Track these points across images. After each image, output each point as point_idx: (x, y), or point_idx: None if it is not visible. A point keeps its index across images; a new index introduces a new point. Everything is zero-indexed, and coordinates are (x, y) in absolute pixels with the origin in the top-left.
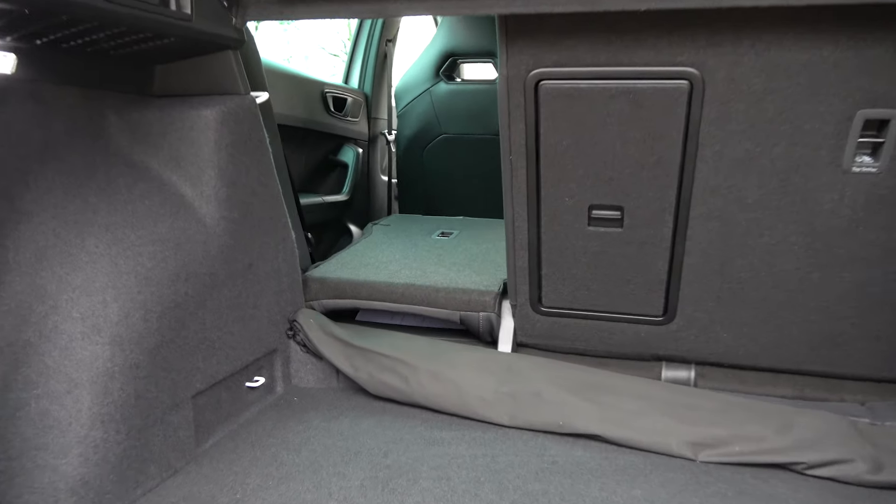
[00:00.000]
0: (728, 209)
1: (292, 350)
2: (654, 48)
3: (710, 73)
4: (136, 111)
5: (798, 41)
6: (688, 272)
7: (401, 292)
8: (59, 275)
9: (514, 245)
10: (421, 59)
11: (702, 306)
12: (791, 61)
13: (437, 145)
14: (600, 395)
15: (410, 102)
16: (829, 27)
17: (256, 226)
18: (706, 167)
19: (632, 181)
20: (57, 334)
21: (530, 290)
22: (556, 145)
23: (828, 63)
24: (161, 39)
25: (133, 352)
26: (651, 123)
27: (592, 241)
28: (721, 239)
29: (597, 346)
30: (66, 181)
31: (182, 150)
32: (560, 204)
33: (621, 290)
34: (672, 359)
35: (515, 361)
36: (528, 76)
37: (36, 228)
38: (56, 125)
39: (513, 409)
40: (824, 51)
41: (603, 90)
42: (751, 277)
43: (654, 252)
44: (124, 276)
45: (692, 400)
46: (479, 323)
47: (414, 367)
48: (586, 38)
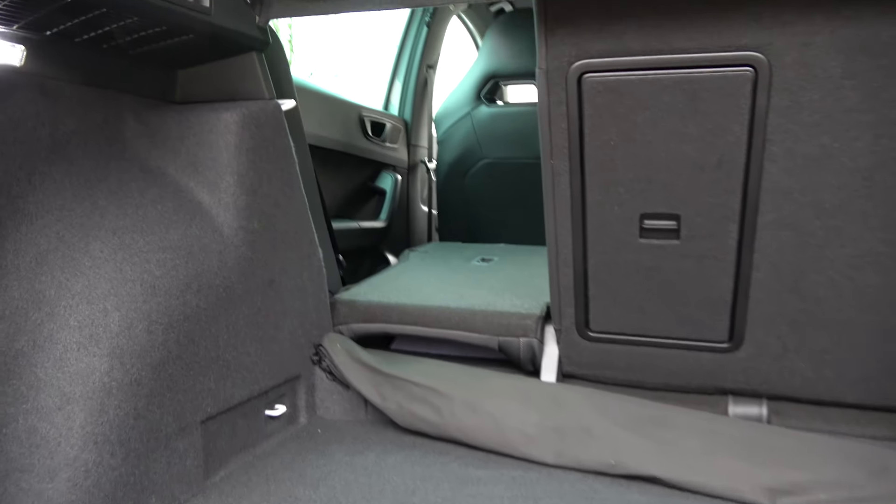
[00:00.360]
0: (802, 215)
1: (318, 378)
2: (712, 31)
3: (778, 56)
4: (155, 116)
5: (881, 16)
6: (756, 290)
7: (434, 316)
8: (60, 280)
9: (557, 261)
10: (462, 83)
11: (774, 330)
12: (873, 40)
13: (478, 171)
14: (658, 430)
15: (451, 127)
16: None
17: (279, 239)
18: (775, 167)
19: (689, 185)
20: (51, 344)
21: (576, 312)
22: (603, 146)
23: None
24: (180, 36)
25: (134, 366)
26: (710, 118)
27: (645, 255)
28: (795, 251)
29: (653, 377)
30: (75, 183)
31: (200, 154)
32: (608, 213)
33: (679, 313)
34: (741, 392)
35: (561, 392)
36: (570, 69)
37: (39, 231)
38: (67, 124)
39: (558, 445)
40: None
41: (654, 81)
42: (831, 296)
43: (716, 267)
44: (129, 283)
45: (767, 438)
46: (520, 349)
47: (448, 396)
48: (634, 23)
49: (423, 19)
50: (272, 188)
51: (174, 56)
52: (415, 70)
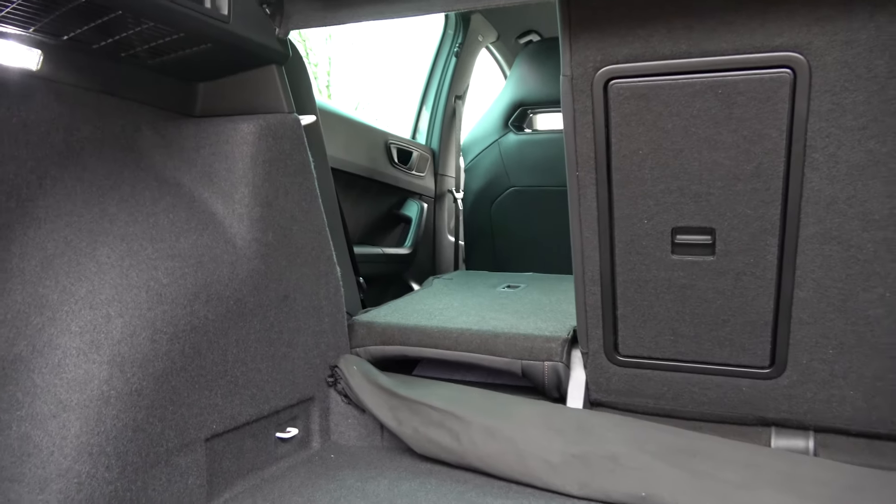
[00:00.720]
0: (848, 227)
1: (332, 401)
2: (745, 31)
3: (818, 56)
4: (173, 127)
5: None
6: (800, 310)
7: (454, 338)
8: (64, 285)
9: (584, 279)
10: (489, 112)
11: (819, 355)
12: None
13: (506, 199)
14: (693, 461)
15: (478, 155)
16: None
17: (295, 254)
18: (818, 175)
19: (724, 197)
20: (51, 349)
21: (604, 334)
22: (632, 156)
23: None
24: (197, 45)
25: (135, 375)
26: (746, 124)
27: (677, 272)
28: (841, 266)
29: (688, 405)
30: (87, 189)
31: (215, 164)
32: (637, 227)
33: (715, 335)
34: (784, 423)
35: (587, 418)
36: (595, 75)
37: (46, 235)
38: (82, 130)
39: (584, 475)
40: None
41: (685, 86)
42: (882, 315)
43: (755, 285)
44: (134, 290)
45: (815, 472)
46: (545, 374)
47: (466, 421)
48: (662, 25)
49: (451, 50)
50: (288, 201)
51: (193, 67)
52: (443, 100)
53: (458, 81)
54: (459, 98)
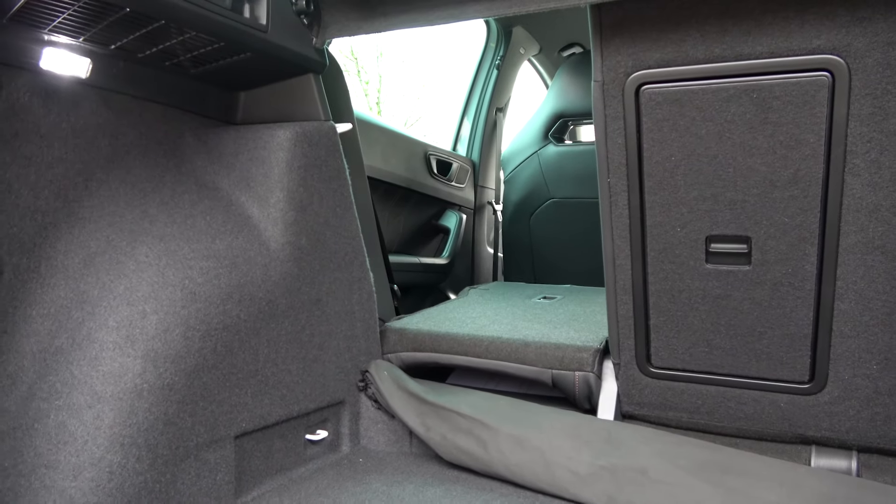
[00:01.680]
0: (893, 236)
1: (363, 405)
2: (781, 33)
3: (858, 58)
4: (214, 134)
5: None
6: (841, 323)
7: (485, 346)
8: (104, 281)
9: (616, 288)
10: (530, 123)
11: (863, 370)
12: None
13: (545, 210)
14: (726, 477)
15: (518, 167)
16: None
17: (328, 259)
18: (858, 181)
19: (761, 204)
20: (89, 342)
21: (636, 344)
22: (664, 162)
23: None
24: (237, 54)
25: (168, 371)
26: (783, 129)
27: (712, 281)
28: (886, 277)
29: (723, 420)
30: (129, 192)
31: (253, 169)
32: (670, 235)
33: (752, 347)
34: (826, 442)
35: (617, 430)
36: (627, 80)
37: (90, 234)
38: (128, 137)
39: (612, 488)
40: None
41: (719, 91)
42: None
43: (793, 296)
44: (170, 288)
45: (857, 493)
46: (576, 385)
47: (494, 430)
48: (695, 29)
49: (493, 62)
50: (323, 207)
51: (234, 76)
52: (484, 112)
53: (500, 94)
54: (500, 110)
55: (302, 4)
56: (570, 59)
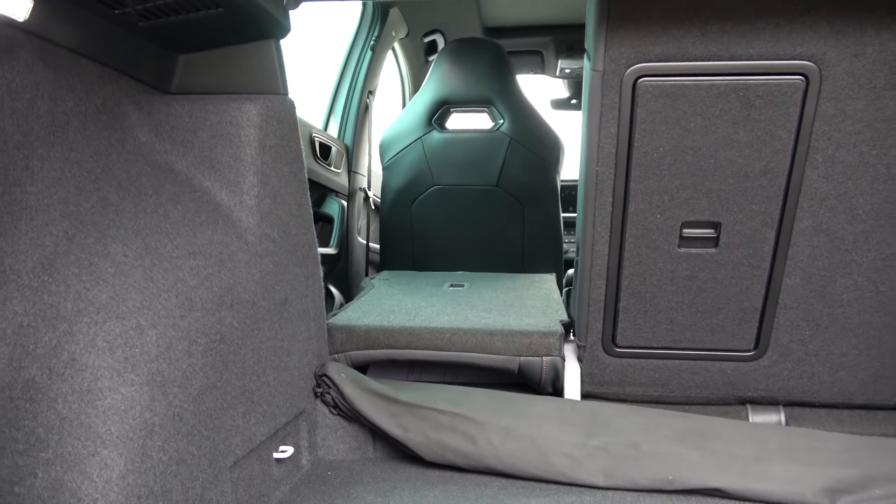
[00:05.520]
0: (836, 221)
1: (319, 413)
2: (771, 39)
3: (830, 66)
4: (158, 103)
5: None
6: (786, 296)
7: (447, 338)
8: (76, 290)
9: (591, 274)
10: (411, 108)
11: (798, 335)
12: None
13: (428, 197)
14: (705, 441)
15: (399, 153)
16: None
17: (292, 252)
18: (816, 173)
19: (734, 192)
20: (75, 371)
21: (604, 327)
22: (653, 153)
23: None
24: (208, 8)
25: (176, 397)
26: (761, 125)
27: (682, 264)
28: (826, 255)
29: (675, 390)
30: (80, 173)
31: (217, 149)
32: (650, 222)
33: (709, 322)
34: (760, 401)
35: (599, 409)
36: (626, 72)
37: (41, 229)
38: (67, 102)
39: (608, 465)
40: None
41: (711, 87)
42: (854, 299)
43: (750, 275)
44: (163, 294)
45: (810, 441)
46: (543, 370)
47: (480, 423)
48: (697, 28)
49: (367, 43)
50: (287, 194)
51: (184, 35)
52: (357, 95)
53: (372, 76)
54: (372, 93)
55: None
56: (448, 46)
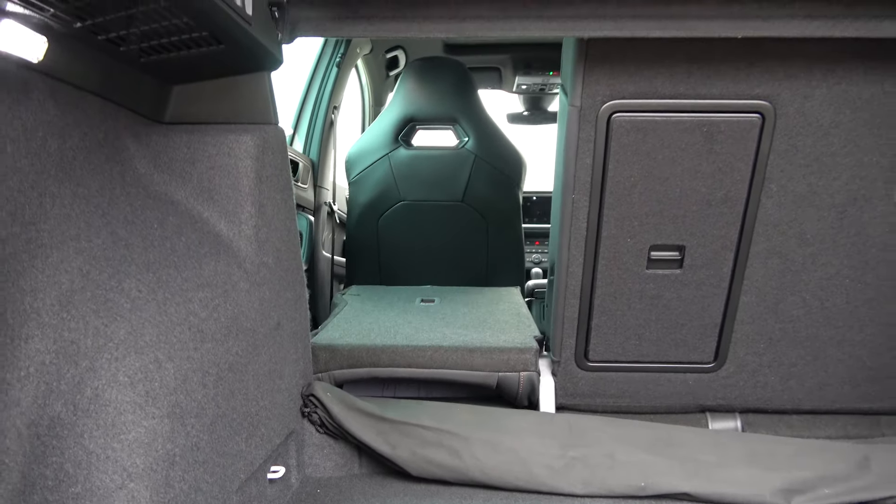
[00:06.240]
0: (787, 245)
1: (307, 432)
2: (732, 81)
3: (783, 105)
4: (156, 135)
5: (865, 75)
6: (742, 312)
7: (429, 356)
8: (96, 326)
9: (565, 293)
10: (378, 126)
11: (753, 348)
12: (856, 95)
13: (395, 212)
14: (673, 449)
15: (366, 169)
16: (893, 61)
17: (284, 277)
18: (770, 202)
19: (697, 218)
20: (99, 406)
21: (577, 343)
22: (624, 182)
23: (889, 96)
24: (210, 45)
25: (194, 427)
26: (722, 157)
27: (650, 284)
28: (778, 276)
29: (641, 400)
30: (88, 209)
31: (216, 180)
32: (621, 245)
33: (674, 337)
34: (718, 409)
35: (575, 422)
36: (601, 108)
37: (57, 266)
38: (73, 138)
39: (586, 475)
40: (886, 84)
41: (677, 123)
42: (803, 315)
43: (711, 293)
44: (177, 327)
45: (767, 446)
46: (520, 384)
47: (465, 438)
48: (666, 69)
49: (333, 59)
50: (279, 221)
51: (181, 68)
52: (322, 110)
53: (337, 92)
54: (337, 108)
55: None
56: (413, 64)
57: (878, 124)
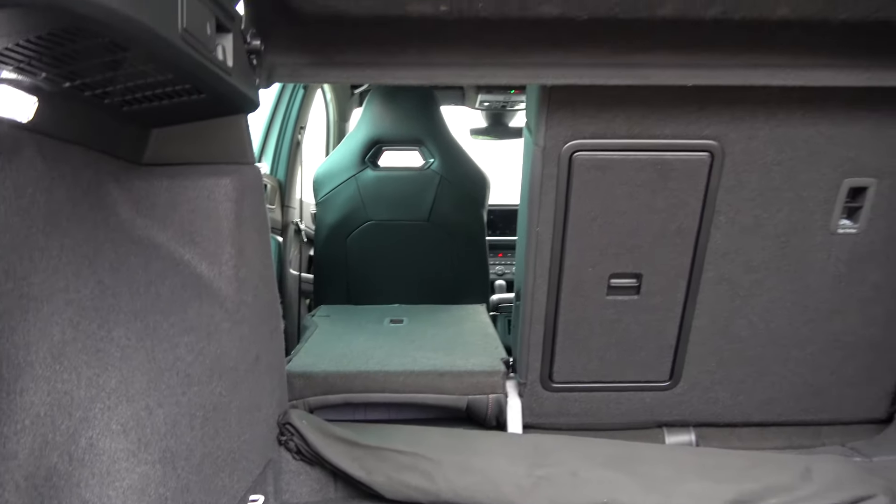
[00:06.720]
0: (735, 272)
1: (283, 459)
2: (684, 123)
3: (730, 145)
4: (137, 179)
5: (803, 118)
6: (695, 334)
7: (401, 381)
8: (87, 376)
9: (531, 319)
10: (344, 146)
11: (705, 367)
12: (795, 136)
13: (362, 232)
14: (634, 465)
15: (334, 189)
16: (828, 106)
17: (262, 312)
18: (719, 233)
19: (652, 249)
20: (94, 455)
21: (542, 365)
22: (585, 215)
23: (824, 137)
24: (192, 95)
25: (184, 469)
26: (675, 193)
27: (610, 309)
28: (727, 300)
29: (603, 418)
30: (75, 259)
31: (197, 223)
32: (583, 274)
33: (632, 358)
34: (674, 424)
35: (541, 441)
36: (563, 147)
37: (48, 319)
38: (59, 191)
39: (552, 493)
40: (821, 126)
41: (634, 161)
42: (750, 335)
43: (666, 317)
44: (166, 373)
45: (718, 460)
46: (489, 406)
47: (437, 461)
48: (623, 112)
49: None
50: (256, 258)
51: (163, 114)
52: (289, 130)
53: (304, 112)
54: (303, 128)
55: (255, 44)
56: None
57: (815, 162)
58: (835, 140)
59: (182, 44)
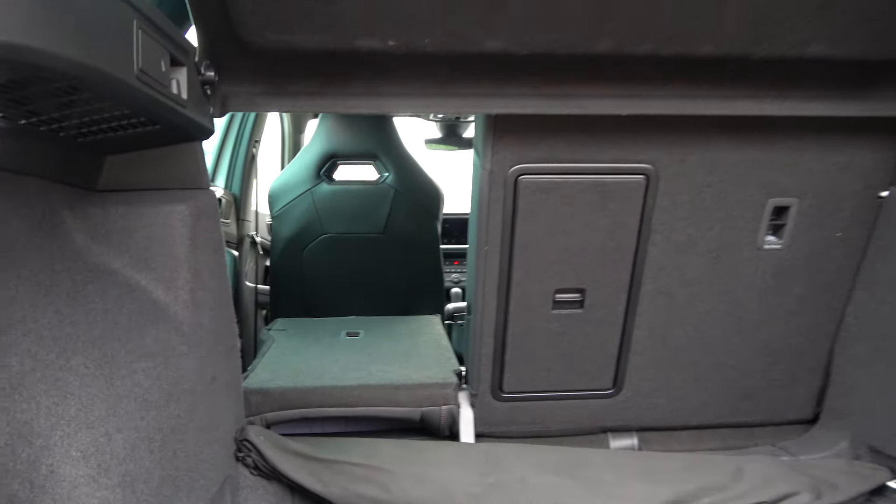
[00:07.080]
0: (671, 285)
1: (241, 475)
2: (620, 148)
3: (663, 168)
4: (91, 206)
5: (730, 143)
6: (635, 344)
7: (357, 395)
8: (47, 405)
9: (482, 333)
10: (300, 161)
11: (645, 375)
12: (724, 160)
13: (318, 245)
14: (579, 471)
15: (289, 203)
16: (751, 132)
17: (218, 333)
18: (656, 249)
19: (594, 265)
20: (55, 482)
21: (493, 377)
22: (531, 234)
23: (749, 160)
24: (146, 126)
25: (143, 493)
26: (614, 213)
27: (555, 323)
28: (665, 312)
29: (551, 425)
30: (32, 289)
31: (153, 249)
32: (529, 289)
33: (578, 368)
34: (618, 429)
35: (491, 450)
36: (509, 171)
37: (6, 350)
38: (14, 222)
39: (502, 500)
40: (746, 151)
41: (576, 184)
42: (686, 345)
43: (608, 329)
44: (124, 399)
45: (658, 463)
46: (441, 417)
47: (391, 472)
48: (564, 138)
49: None
50: (213, 280)
51: (117, 143)
52: (244, 144)
53: (258, 126)
54: (258, 142)
55: (209, 75)
56: None
57: (742, 183)
58: (759, 163)
59: (138, 84)
